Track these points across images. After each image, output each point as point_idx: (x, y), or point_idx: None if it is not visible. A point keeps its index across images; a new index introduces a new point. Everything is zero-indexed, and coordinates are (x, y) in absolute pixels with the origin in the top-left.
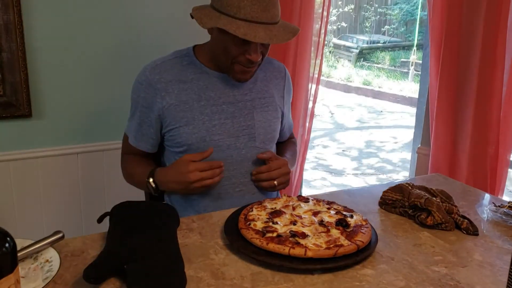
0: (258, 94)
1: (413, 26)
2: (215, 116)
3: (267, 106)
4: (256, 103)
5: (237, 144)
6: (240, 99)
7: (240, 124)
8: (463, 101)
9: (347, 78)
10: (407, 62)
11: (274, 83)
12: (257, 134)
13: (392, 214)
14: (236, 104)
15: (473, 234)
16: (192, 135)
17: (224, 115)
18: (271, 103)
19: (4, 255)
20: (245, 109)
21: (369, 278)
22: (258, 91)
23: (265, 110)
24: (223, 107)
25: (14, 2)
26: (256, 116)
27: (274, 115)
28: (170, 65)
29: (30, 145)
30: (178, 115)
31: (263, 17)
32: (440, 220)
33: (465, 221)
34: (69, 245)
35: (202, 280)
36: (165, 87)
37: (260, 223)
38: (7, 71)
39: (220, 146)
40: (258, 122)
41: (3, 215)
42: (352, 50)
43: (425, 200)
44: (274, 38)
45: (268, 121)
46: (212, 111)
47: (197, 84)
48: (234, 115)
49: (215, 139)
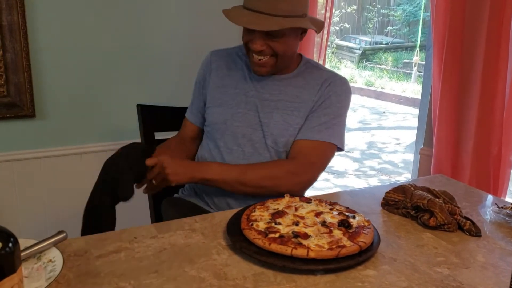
0: (286, 97)
1: (416, 27)
2: (241, 104)
3: (292, 110)
4: (280, 104)
5: (252, 136)
6: (267, 97)
7: (259, 118)
8: (466, 102)
9: (350, 79)
10: (409, 63)
11: (310, 87)
12: (270, 133)
13: (394, 215)
14: (262, 101)
15: (475, 235)
16: (219, 115)
17: (249, 106)
18: (299, 109)
19: (7, 255)
20: (267, 107)
21: (372, 279)
22: (288, 94)
23: (288, 114)
24: (251, 99)
25: (18, 3)
26: (275, 116)
27: (298, 121)
28: (228, 54)
29: (33, 145)
30: (216, 96)
31: (258, 6)
32: (442, 221)
33: (467, 222)
34: (72, 245)
35: (204, 280)
36: (216, 68)
37: (262, 223)
38: (11, 72)
39: (237, 133)
40: (275, 122)
41: (7, 215)
42: (355, 51)
43: (428, 201)
44: (252, 23)
45: (287, 125)
46: (241, 100)
47: (238, 74)
48: (257, 109)
49: (234, 125)
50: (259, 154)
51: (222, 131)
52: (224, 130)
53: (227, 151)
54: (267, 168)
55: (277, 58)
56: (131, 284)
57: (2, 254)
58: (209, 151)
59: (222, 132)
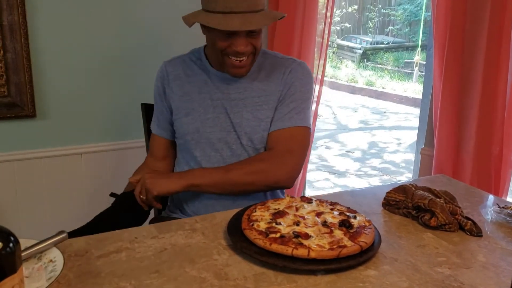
0: (253, 93)
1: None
2: (210, 109)
3: (260, 105)
4: (247, 102)
5: (227, 139)
6: (234, 97)
7: (230, 120)
8: (467, 102)
9: (351, 78)
10: (410, 62)
11: (275, 78)
12: (243, 132)
13: (395, 215)
14: (230, 101)
15: (476, 235)
16: (190, 125)
17: (218, 109)
18: (267, 102)
19: (8, 255)
20: (236, 107)
21: (372, 279)
22: (254, 90)
23: (257, 109)
24: (218, 102)
25: (18, 3)
26: (245, 114)
27: (268, 114)
28: (183, 61)
29: (34, 145)
30: (181, 106)
31: (240, 6)
32: (443, 221)
33: (468, 222)
34: (73, 245)
35: (205, 280)
36: (174, 78)
37: (263, 223)
38: (11, 72)
39: (211, 139)
40: (246, 121)
41: (7, 215)
42: (356, 50)
43: (429, 201)
44: (249, 24)
45: (258, 120)
46: (208, 104)
47: (199, 79)
48: (226, 111)
49: (207, 131)
50: (238, 156)
51: (196, 141)
52: (198, 139)
53: (205, 159)
54: (249, 163)
55: (254, 56)
56: (131, 284)
57: (2, 254)
58: (187, 163)
59: (196, 141)
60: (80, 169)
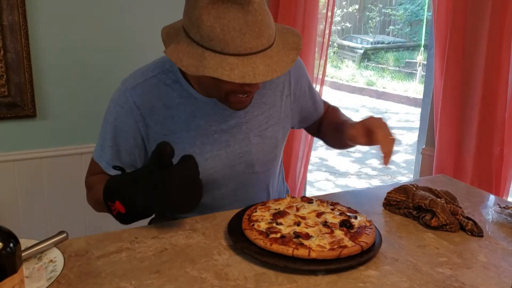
0: (255, 111)
1: (417, 26)
2: (206, 147)
3: (266, 122)
4: (252, 124)
5: (233, 174)
6: (234, 124)
7: (235, 152)
8: (468, 102)
9: (351, 78)
10: (411, 62)
11: (274, 86)
12: (256, 159)
13: (396, 215)
14: (230, 130)
15: (477, 235)
16: None
17: (216, 146)
18: (271, 116)
19: (8, 255)
20: (240, 135)
21: (373, 279)
22: (255, 107)
23: (264, 128)
24: (215, 136)
25: (19, 3)
26: (254, 140)
27: (276, 129)
28: (153, 85)
29: (34, 145)
30: None
31: (259, 45)
32: (444, 221)
33: (469, 222)
34: (73, 245)
35: (205, 280)
36: (150, 113)
37: (263, 223)
38: (11, 72)
39: (215, 179)
40: (256, 146)
41: (8, 215)
42: (357, 50)
43: (430, 201)
44: (277, 69)
45: (269, 140)
46: (202, 142)
47: (184, 111)
48: (228, 143)
49: (209, 173)
50: (246, 186)
51: None
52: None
53: (208, 195)
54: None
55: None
56: (132, 284)
57: (3, 254)
58: None
59: None
60: (81, 169)
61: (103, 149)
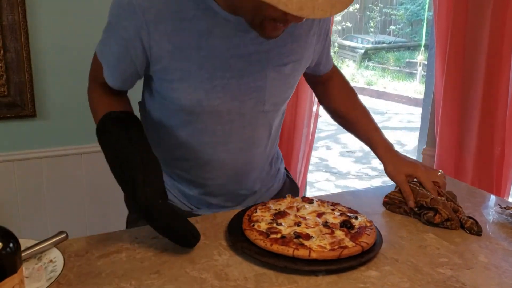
0: (278, 41)
1: (418, 26)
2: (217, 73)
3: (287, 56)
4: (272, 54)
5: (241, 109)
6: (253, 50)
7: (248, 85)
8: (469, 102)
9: (352, 78)
10: (412, 62)
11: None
12: (268, 96)
13: (397, 216)
14: (247, 57)
15: (476, 234)
16: (187, 95)
17: (229, 73)
18: (294, 51)
19: (8, 255)
20: (257, 65)
21: (374, 279)
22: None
23: (284, 63)
24: (230, 61)
25: (19, 3)
26: (270, 74)
27: (295, 67)
28: None
29: (34, 145)
30: (171, 65)
31: None
32: (447, 216)
33: (469, 220)
34: (73, 245)
35: (205, 281)
36: (156, 21)
37: (264, 224)
38: (11, 71)
39: (220, 111)
40: (271, 82)
41: (7, 215)
42: (357, 50)
43: (431, 199)
44: (337, 5)
45: (286, 78)
46: (214, 66)
47: (198, 26)
48: (242, 73)
49: (214, 104)
50: (251, 125)
51: (197, 114)
52: (200, 112)
53: (209, 133)
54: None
55: None
56: (132, 284)
57: (3, 254)
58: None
59: (197, 114)
60: (80, 169)
61: (105, 48)
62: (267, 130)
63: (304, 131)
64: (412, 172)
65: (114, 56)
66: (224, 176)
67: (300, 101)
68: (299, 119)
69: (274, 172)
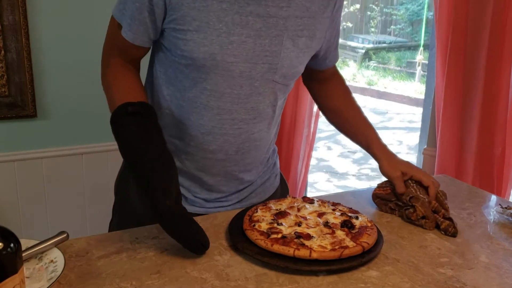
0: (296, 11)
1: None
2: (236, 29)
3: (302, 30)
4: (290, 23)
5: (252, 72)
6: (273, 13)
7: (263, 47)
8: (470, 102)
9: (352, 78)
10: (413, 62)
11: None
12: (280, 65)
13: (382, 211)
14: (266, 19)
15: (451, 235)
16: (201, 47)
17: (247, 30)
18: (308, 27)
19: (9, 255)
20: (274, 29)
21: (374, 279)
22: (298, 6)
23: (298, 35)
24: (249, 18)
25: (19, 3)
26: (286, 42)
27: (308, 44)
28: None
29: (35, 145)
30: (189, 13)
31: None
32: (422, 214)
33: (445, 221)
34: (74, 245)
35: (206, 281)
36: None
37: (264, 224)
38: (12, 72)
39: (232, 71)
40: (286, 50)
41: (8, 215)
42: (358, 50)
43: (410, 198)
44: None
45: (298, 51)
46: (233, 20)
47: None
48: (259, 33)
49: (228, 61)
50: (259, 94)
51: (207, 70)
52: (211, 69)
53: (216, 96)
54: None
55: None
56: (132, 285)
57: (4, 254)
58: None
59: (208, 71)
60: (81, 169)
61: (124, 4)
62: (271, 106)
63: (304, 131)
64: (408, 170)
65: (135, 6)
66: (224, 151)
67: (301, 101)
68: (300, 119)
69: (270, 164)
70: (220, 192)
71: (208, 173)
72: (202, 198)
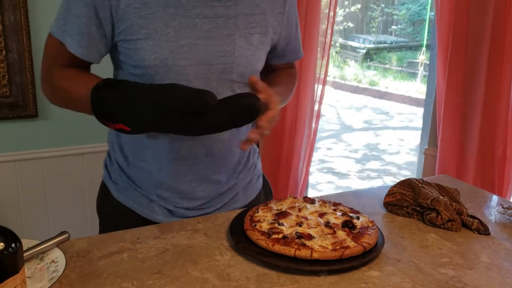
0: (245, 9)
1: (420, 26)
2: (184, 32)
3: (253, 27)
4: (240, 21)
5: (207, 74)
6: (221, 13)
7: (216, 48)
8: (471, 102)
9: (354, 78)
10: (414, 62)
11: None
12: (236, 64)
13: (398, 216)
14: (215, 20)
15: (484, 233)
16: (151, 54)
17: (196, 32)
18: (260, 23)
19: (10, 255)
20: (225, 28)
21: (376, 280)
22: (246, 3)
23: (251, 33)
24: (196, 21)
25: (21, 3)
26: (238, 41)
27: (262, 40)
28: None
29: (36, 145)
30: (136, 22)
31: None
32: (448, 218)
33: (475, 221)
34: (75, 245)
35: (207, 281)
36: None
37: (265, 224)
38: (13, 72)
39: (187, 75)
40: (240, 49)
41: (10, 215)
42: (359, 50)
43: (431, 200)
44: None
45: (252, 48)
46: (181, 24)
47: None
48: (209, 34)
49: (180, 65)
50: (218, 94)
51: (161, 77)
52: (165, 75)
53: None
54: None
55: None
56: (133, 284)
57: (5, 254)
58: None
59: (162, 77)
60: (82, 170)
61: (66, 19)
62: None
63: (305, 131)
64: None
65: (81, 22)
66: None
67: (302, 100)
68: (301, 119)
69: (251, 165)
70: (200, 199)
71: (183, 180)
72: (183, 207)
